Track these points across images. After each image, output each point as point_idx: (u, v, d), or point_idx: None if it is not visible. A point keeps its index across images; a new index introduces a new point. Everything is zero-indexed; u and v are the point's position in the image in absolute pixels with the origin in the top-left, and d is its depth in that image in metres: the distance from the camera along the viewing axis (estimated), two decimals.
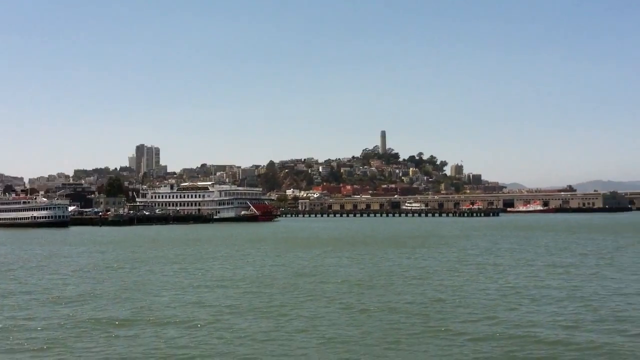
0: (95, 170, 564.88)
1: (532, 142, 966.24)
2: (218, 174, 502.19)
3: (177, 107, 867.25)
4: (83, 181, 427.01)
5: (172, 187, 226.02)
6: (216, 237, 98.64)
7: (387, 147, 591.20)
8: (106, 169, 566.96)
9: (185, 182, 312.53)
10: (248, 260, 56.49)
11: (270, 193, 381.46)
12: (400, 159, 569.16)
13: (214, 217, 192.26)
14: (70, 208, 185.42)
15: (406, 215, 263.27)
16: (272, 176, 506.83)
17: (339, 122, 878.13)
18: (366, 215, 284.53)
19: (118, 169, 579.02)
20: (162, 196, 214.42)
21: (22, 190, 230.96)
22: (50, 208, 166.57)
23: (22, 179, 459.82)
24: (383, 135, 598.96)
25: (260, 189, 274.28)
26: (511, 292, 34.07)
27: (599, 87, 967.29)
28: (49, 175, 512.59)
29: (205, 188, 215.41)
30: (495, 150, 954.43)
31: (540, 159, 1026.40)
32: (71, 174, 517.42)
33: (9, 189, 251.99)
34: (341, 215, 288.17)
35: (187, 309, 30.13)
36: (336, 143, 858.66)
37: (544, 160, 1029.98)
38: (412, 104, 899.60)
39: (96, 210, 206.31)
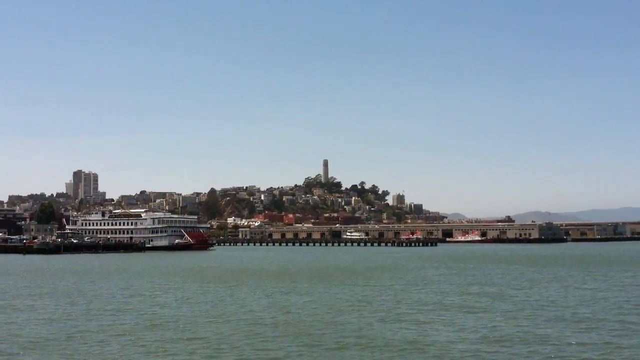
0: (31, 196, 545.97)
1: (473, 174, 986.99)
2: (158, 201, 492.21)
3: (117, 133, 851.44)
4: (17, 207, 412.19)
5: (103, 214, 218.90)
6: (133, 269, 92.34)
7: (330, 175, 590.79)
8: (42, 195, 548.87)
9: (124, 209, 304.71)
10: (149, 295, 52.37)
11: (211, 221, 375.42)
12: (343, 188, 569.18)
13: (147, 245, 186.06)
14: None
15: (346, 245, 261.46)
16: (214, 204, 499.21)
17: (282, 150, 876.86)
18: (306, 244, 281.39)
19: (54, 195, 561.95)
20: (93, 223, 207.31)
21: None
22: None
23: None
24: (325, 164, 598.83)
25: (196, 217, 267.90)
26: (417, 336, 31.32)
27: (536, 123, 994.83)
28: None
29: (138, 215, 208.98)
30: (436, 181, 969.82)
31: (481, 190, 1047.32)
32: (5, 199, 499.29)
33: None
34: (281, 244, 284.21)
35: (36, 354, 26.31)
36: (279, 171, 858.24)
37: (484, 191, 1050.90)
38: (354, 133, 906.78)
39: (21, 237, 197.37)
